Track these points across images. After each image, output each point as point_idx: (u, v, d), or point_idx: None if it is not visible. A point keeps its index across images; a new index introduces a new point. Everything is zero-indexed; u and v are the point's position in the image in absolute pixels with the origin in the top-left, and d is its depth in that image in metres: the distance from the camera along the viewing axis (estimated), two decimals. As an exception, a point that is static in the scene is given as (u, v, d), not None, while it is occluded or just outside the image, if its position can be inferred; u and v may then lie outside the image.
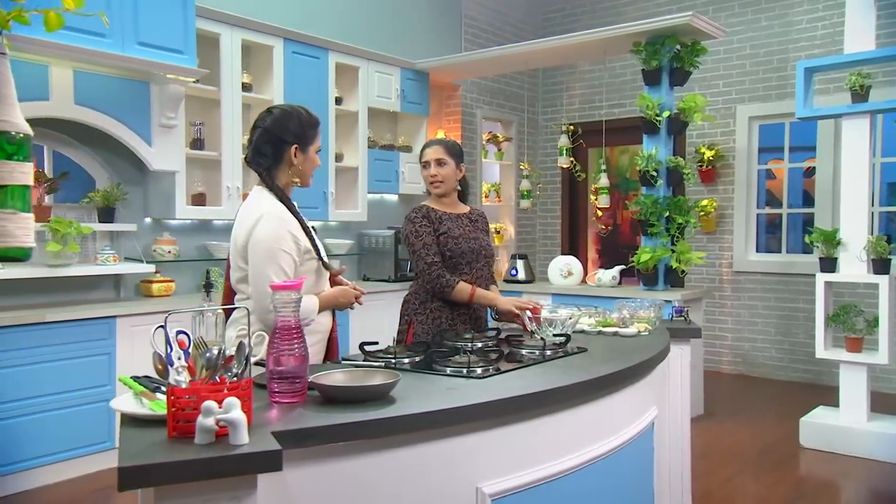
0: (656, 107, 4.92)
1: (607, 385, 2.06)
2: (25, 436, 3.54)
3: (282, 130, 2.23)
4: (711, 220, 6.75)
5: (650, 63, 5.00)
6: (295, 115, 2.26)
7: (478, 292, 2.85)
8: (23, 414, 3.53)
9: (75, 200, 4.30)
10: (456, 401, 1.74)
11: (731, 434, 4.79)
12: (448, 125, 6.79)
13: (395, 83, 5.84)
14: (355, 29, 5.80)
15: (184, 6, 4.17)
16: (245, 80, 4.86)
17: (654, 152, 4.96)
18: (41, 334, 3.60)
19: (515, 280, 5.63)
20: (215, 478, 1.29)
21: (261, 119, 2.27)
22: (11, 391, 3.48)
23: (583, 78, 7.64)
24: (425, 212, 2.92)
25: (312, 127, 2.30)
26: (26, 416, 3.54)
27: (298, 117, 2.27)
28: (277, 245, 2.13)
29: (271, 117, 2.26)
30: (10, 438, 3.49)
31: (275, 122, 2.24)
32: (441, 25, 6.63)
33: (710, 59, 6.76)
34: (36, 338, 3.57)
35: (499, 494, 1.77)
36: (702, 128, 6.81)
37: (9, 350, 3.48)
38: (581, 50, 5.63)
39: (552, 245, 7.85)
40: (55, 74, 3.79)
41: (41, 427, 3.59)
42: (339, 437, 1.52)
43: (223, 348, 1.48)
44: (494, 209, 7.39)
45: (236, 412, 1.37)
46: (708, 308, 6.78)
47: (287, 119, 2.25)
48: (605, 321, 2.84)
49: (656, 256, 4.89)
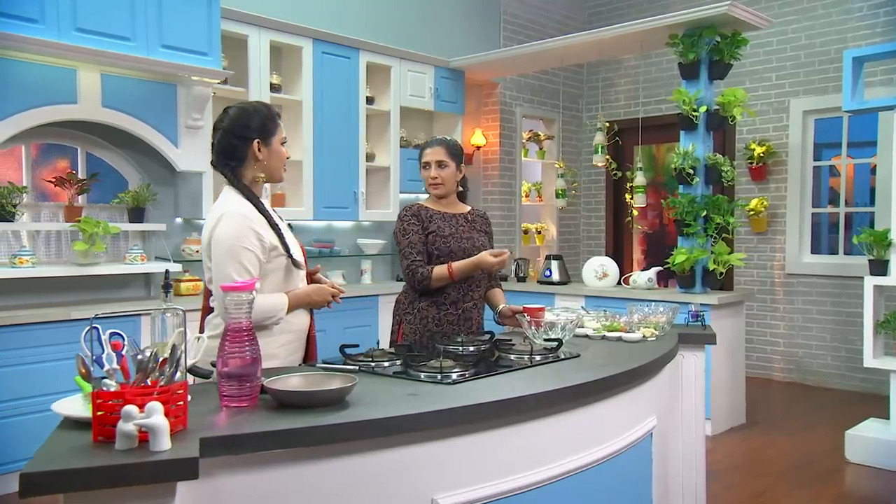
0: (693, 102, 4.71)
1: (588, 393, 1.95)
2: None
3: (241, 128, 2.20)
4: (762, 220, 6.44)
5: (687, 56, 4.79)
6: (252, 110, 2.23)
7: (455, 266, 2.75)
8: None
9: (108, 201, 4.41)
10: (411, 407, 1.67)
11: (771, 445, 4.54)
12: (486, 123, 6.70)
13: (429, 82, 5.79)
14: (388, 28, 5.78)
15: (209, 8, 4.22)
16: (274, 81, 4.89)
17: (691, 149, 4.74)
18: (67, 332, 3.69)
19: (549, 281, 5.50)
20: (126, 485, 1.26)
21: (219, 121, 2.25)
22: (37, 387, 3.57)
23: (628, 73, 7.42)
24: (416, 210, 2.86)
25: (272, 119, 2.26)
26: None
27: (256, 112, 2.23)
28: (239, 243, 2.10)
29: (228, 117, 2.23)
30: (33, 435, 3.59)
31: (232, 121, 2.21)
32: (478, 23, 6.54)
33: (762, 51, 6.47)
34: (62, 335, 3.66)
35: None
36: (752, 123, 6.51)
37: (35, 346, 3.59)
38: (617, 44, 5.44)
39: (596, 245, 7.65)
40: (83, 78, 3.88)
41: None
42: (272, 445, 1.48)
43: (155, 351, 1.45)
44: (535, 209, 7.25)
45: (157, 417, 1.33)
46: (758, 312, 6.48)
47: (244, 116, 2.22)
48: (610, 325, 2.71)
49: (693, 258, 4.67)
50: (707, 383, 4.60)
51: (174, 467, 1.28)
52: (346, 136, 5.25)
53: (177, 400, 1.44)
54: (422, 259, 2.78)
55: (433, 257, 2.81)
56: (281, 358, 2.19)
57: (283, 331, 2.19)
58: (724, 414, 4.79)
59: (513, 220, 6.82)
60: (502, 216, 6.70)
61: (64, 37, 3.70)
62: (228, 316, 1.68)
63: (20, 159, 4.20)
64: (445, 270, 2.75)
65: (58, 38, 3.67)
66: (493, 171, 6.69)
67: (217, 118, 2.29)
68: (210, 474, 1.44)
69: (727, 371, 4.79)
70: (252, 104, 2.29)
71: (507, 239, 6.73)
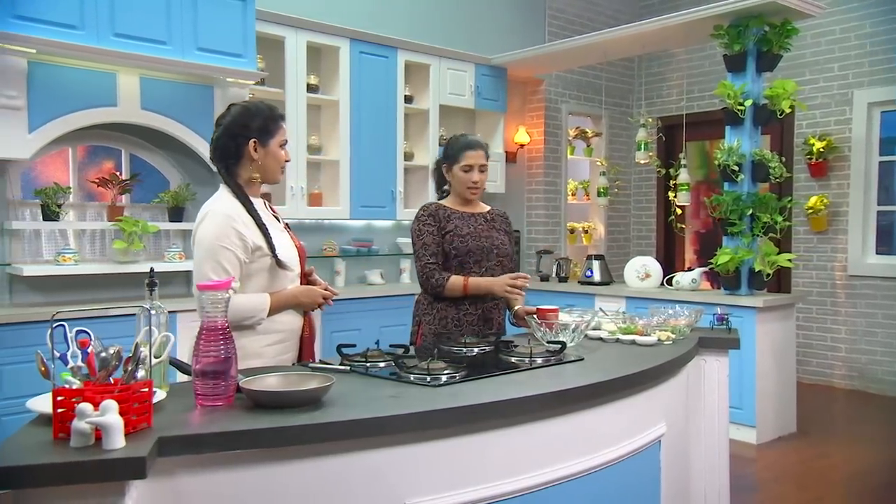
0: (738, 95, 4.50)
1: (577, 399, 1.87)
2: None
3: (240, 127, 2.20)
4: (822, 219, 6.12)
5: (732, 47, 4.58)
6: (254, 111, 2.23)
7: (471, 281, 2.71)
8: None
9: (150, 201, 4.54)
10: (384, 410, 1.63)
11: (823, 456, 4.30)
12: (530, 121, 6.60)
13: (470, 79, 5.74)
14: (427, 27, 5.75)
15: (243, 11, 4.29)
16: (312, 82, 4.94)
17: (736, 145, 4.54)
18: (107, 328, 3.80)
19: (590, 282, 5.36)
20: (74, 484, 1.26)
21: (221, 117, 2.25)
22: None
23: (680, 67, 7.18)
24: (433, 210, 2.82)
25: (273, 121, 2.24)
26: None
27: (258, 112, 2.22)
28: (218, 242, 2.09)
29: (230, 115, 2.23)
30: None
31: (233, 120, 2.21)
32: (522, 20, 6.44)
33: (823, 41, 6.15)
34: (100, 331, 3.77)
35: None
36: (812, 117, 6.20)
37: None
38: (660, 37, 5.27)
39: (646, 245, 7.44)
40: (123, 81, 4.00)
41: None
42: (233, 446, 1.46)
43: (120, 349, 1.46)
44: (583, 208, 7.11)
45: (110, 416, 1.34)
46: (817, 315, 6.17)
47: (245, 115, 2.21)
48: (626, 328, 2.61)
49: (737, 258, 4.47)
50: (752, 390, 4.41)
51: (121, 466, 1.28)
52: (384, 136, 5.26)
53: (139, 399, 1.45)
54: (435, 261, 2.75)
55: (450, 257, 2.77)
56: (268, 357, 2.18)
57: (269, 331, 2.18)
58: (772, 422, 4.57)
59: (558, 219, 6.70)
60: (546, 215, 6.59)
61: (103, 42, 3.82)
62: (204, 314, 1.68)
63: (67, 161, 4.36)
64: (461, 283, 2.71)
65: (97, 44, 3.80)
66: (537, 170, 6.59)
67: (220, 114, 2.30)
68: (172, 473, 1.44)
69: (775, 377, 4.57)
70: (256, 104, 2.29)
71: (551, 238, 6.62)
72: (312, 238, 5.13)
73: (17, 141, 3.68)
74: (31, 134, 3.73)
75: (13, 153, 3.70)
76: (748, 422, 4.45)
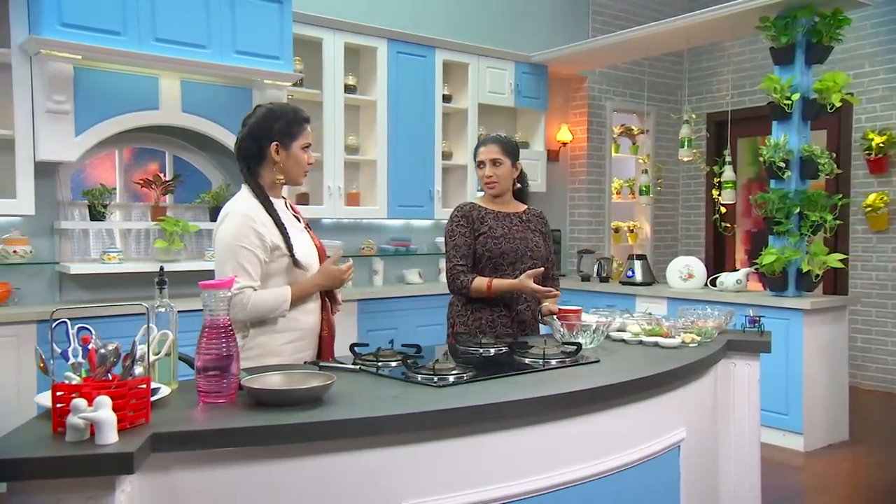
0: (786, 89, 4.34)
1: (584, 402, 1.82)
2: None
3: (263, 129, 2.23)
4: (882, 218, 5.85)
5: (780, 39, 4.41)
6: (279, 113, 2.25)
7: (495, 282, 2.70)
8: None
9: (192, 201, 4.65)
10: (381, 409, 1.62)
11: (875, 466, 4.11)
12: (574, 119, 6.51)
13: (509, 77, 5.69)
14: (466, 25, 5.72)
15: (280, 14, 4.35)
16: (350, 82, 4.97)
17: (783, 140, 4.37)
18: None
19: (631, 282, 5.25)
20: (63, 477, 1.29)
21: (248, 117, 2.28)
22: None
23: (731, 61, 6.96)
24: (466, 210, 2.82)
25: (297, 123, 2.26)
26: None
27: (283, 114, 2.24)
28: (237, 242, 2.13)
29: (255, 116, 2.26)
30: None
31: (257, 121, 2.24)
32: (564, 16, 6.35)
33: (884, 30, 5.87)
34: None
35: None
36: (872, 110, 5.93)
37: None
38: (704, 30, 5.11)
39: (695, 245, 7.25)
40: (164, 85, 4.11)
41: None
42: (227, 443, 1.48)
43: (118, 346, 1.49)
44: (628, 206, 6.97)
45: (103, 411, 1.36)
46: (876, 319, 5.90)
47: (269, 117, 2.24)
48: (651, 330, 2.54)
49: (784, 258, 4.31)
50: (799, 395, 4.25)
51: (109, 461, 1.30)
52: (422, 135, 5.26)
53: (136, 395, 1.47)
54: (464, 264, 2.74)
55: (483, 258, 2.77)
56: (286, 355, 2.20)
57: (287, 329, 2.21)
58: (821, 429, 4.38)
59: (601, 218, 6.58)
60: (590, 214, 6.49)
61: (145, 47, 3.93)
62: (208, 312, 1.70)
63: (114, 163, 4.51)
64: (485, 284, 2.71)
65: (139, 49, 3.90)
66: (580, 168, 6.49)
67: (247, 114, 2.33)
68: (168, 469, 1.46)
69: (824, 382, 4.38)
70: (281, 106, 2.30)
71: (595, 238, 6.51)
72: (351, 237, 5.18)
73: (65, 144, 3.82)
74: (78, 137, 3.86)
75: (61, 155, 3.84)
76: (795, 428, 4.28)
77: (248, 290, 2.13)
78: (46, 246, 4.13)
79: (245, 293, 2.12)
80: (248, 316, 2.15)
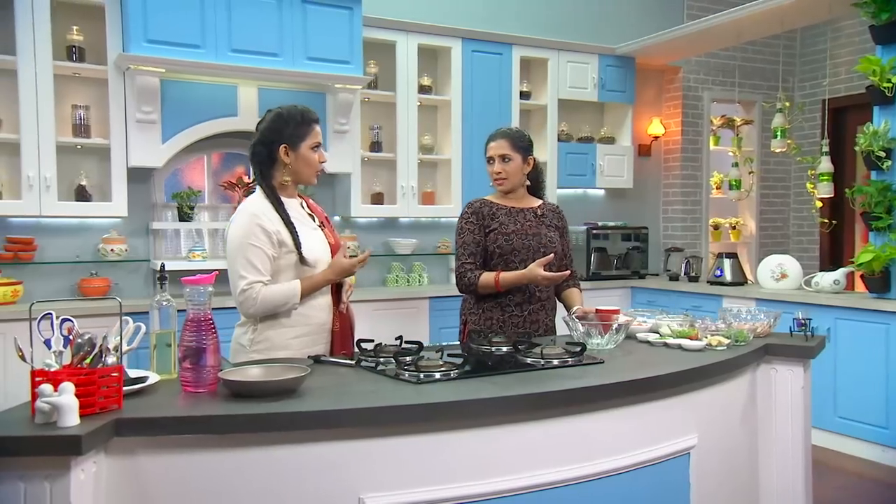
0: (887, 71, 3.93)
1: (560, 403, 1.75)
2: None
3: (272, 133, 2.31)
4: None
5: (880, 16, 4.01)
6: (287, 117, 2.32)
7: (503, 276, 2.62)
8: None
9: (274, 202, 4.89)
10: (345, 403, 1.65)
11: None
12: (667, 111, 6.23)
13: (592, 72, 5.53)
14: (546, 20, 5.62)
15: (350, 20, 4.48)
16: (425, 83, 5.03)
17: (883, 128, 3.97)
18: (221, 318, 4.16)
19: (720, 282, 4.95)
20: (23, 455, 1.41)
21: (259, 123, 2.38)
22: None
23: (851, 42, 6.39)
24: (477, 207, 2.79)
25: (305, 125, 2.32)
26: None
27: (290, 118, 2.32)
28: (246, 240, 2.22)
29: (265, 121, 2.35)
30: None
31: (266, 126, 2.33)
32: (655, 5, 6.08)
33: None
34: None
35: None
36: None
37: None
38: (800, 11, 4.72)
39: (808, 242, 6.72)
40: (242, 93, 4.35)
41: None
42: (186, 430, 1.55)
43: (93, 336, 1.61)
44: (730, 202, 6.55)
45: (64, 396, 1.48)
46: None
47: (277, 121, 2.32)
48: (680, 331, 2.39)
49: (884, 257, 3.91)
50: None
51: (62, 442, 1.41)
52: (498, 133, 5.22)
53: (107, 382, 1.58)
54: (472, 262, 2.71)
55: (494, 255, 2.72)
56: (294, 350, 2.27)
57: (296, 324, 2.29)
58: (929, 447, 3.94)
59: (697, 214, 6.25)
60: (684, 210, 6.18)
61: (222, 58, 4.18)
62: (191, 306, 1.79)
63: (203, 167, 4.83)
64: (493, 279, 2.65)
65: (217, 60, 4.16)
66: (674, 163, 6.20)
67: (259, 120, 2.43)
68: (133, 453, 1.56)
69: (934, 395, 3.93)
70: (290, 109, 2.38)
71: (690, 235, 6.20)
72: (427, 236, 5.24)
73: (153, 151, 4.14)
74: (164, 144, 4.17)
75: (149, 162, 4.16)
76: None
77: (258, 285, 2.22)
78: (142, 245, 4.49)
79: (254, 288, 2.22)
80: (260, 310, 2.24)
